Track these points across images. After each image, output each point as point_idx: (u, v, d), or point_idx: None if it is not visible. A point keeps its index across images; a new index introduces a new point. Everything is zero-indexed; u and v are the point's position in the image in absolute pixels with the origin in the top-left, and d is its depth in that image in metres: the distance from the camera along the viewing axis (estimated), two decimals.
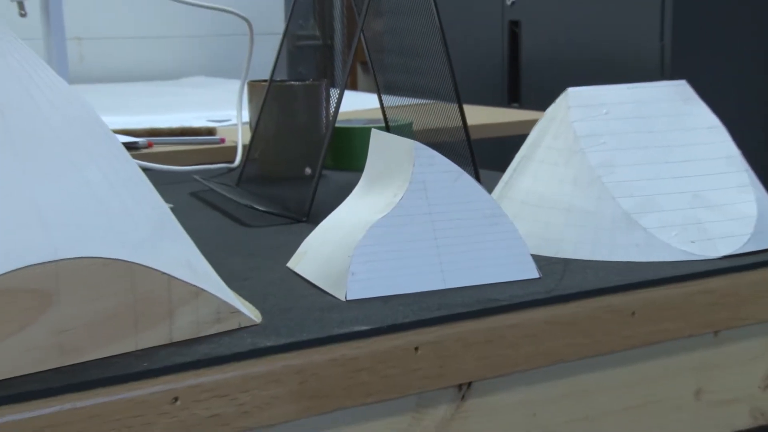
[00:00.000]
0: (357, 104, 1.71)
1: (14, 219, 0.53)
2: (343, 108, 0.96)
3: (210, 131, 1.41)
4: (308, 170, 1.07)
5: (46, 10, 1.37)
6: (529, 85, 2.17)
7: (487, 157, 1.13)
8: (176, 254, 0.59)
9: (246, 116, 1.21)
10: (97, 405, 0.53)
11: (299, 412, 0.58)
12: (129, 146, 1.29)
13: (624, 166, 0.79)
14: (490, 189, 0.76)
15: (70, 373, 0.54)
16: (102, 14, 2.46)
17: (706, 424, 0.76)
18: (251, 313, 0.63)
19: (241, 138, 1.24)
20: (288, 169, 1.10)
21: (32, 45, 0.66)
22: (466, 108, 1.00)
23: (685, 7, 1.86)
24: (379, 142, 0.75)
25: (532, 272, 0.72)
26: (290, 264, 0.77)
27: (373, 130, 0.77)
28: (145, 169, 1.11)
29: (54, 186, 0.55)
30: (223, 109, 1.72)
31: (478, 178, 0.88)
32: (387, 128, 1.16)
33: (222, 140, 1.38)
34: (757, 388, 0.78)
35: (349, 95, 1.89)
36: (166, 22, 2.52)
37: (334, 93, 1.03)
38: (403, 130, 1.16)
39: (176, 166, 1.19)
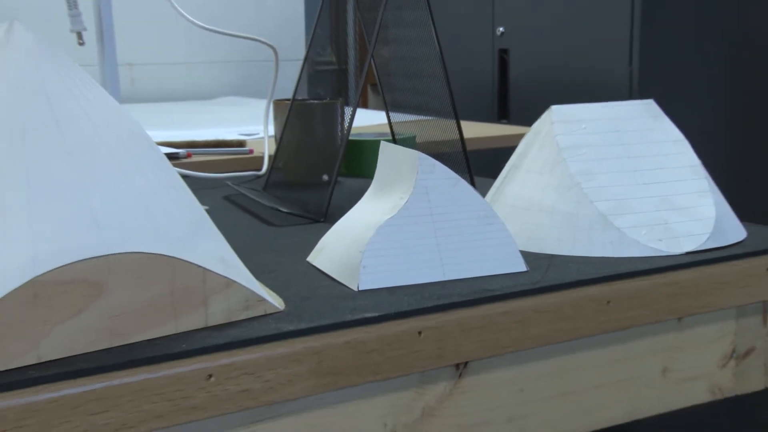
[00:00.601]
0: (368, 120, 1.71)
1: (71, 219, 0.53)
2: (355, 123, 0.96)
3: (240, 143, 1.41)
4: (325, 177, 1.07)
5: (101, 40, 1.37)
6: (517, 103, 2.17)
7: (480, 166, 1.14)
8: (211, 250, 0.59)
9: (272, 130, 1.21)
10: (143, 381, 0.52)
11: (317, 387, 0.58)
12: (171, 156, 1.29)
13: (600, 174, 0.79)
14: (483, 194, 0.76)
15: (119, 353, 0.54)
16: (150, 43, 2.46)
17: (671, 399, 0.76)
18: (276, 302, 0.62)
19: (267, 149, 1.24)
20: (308, 176, 1.10)
21: (89, 70, 0.66)
22: (462, 123, 1.00)
23: (650, 36, 1.86)
24: (387, 152, 0.75)
25: (521, 266, 0.72)
26: (310, 258, 0.76)
27: (381, 142, 0.77)
28: (184, 176, 1.11)
29: (105, 191, 0.55)
30: (252, 125, 1.72)
31: (473, 184, 0.88)
32: (394, 141, 1.15)
33: (251, 151, 1.38)
34: (716, 366, 0.78)
35: (360, 113, 1.89)
36: (204, 50, 2.52)
37: (347, 110, 1.03)
38: (408, 143, 1.16)
39: (211, 173, 1.19)
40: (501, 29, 2.19)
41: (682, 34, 1.89)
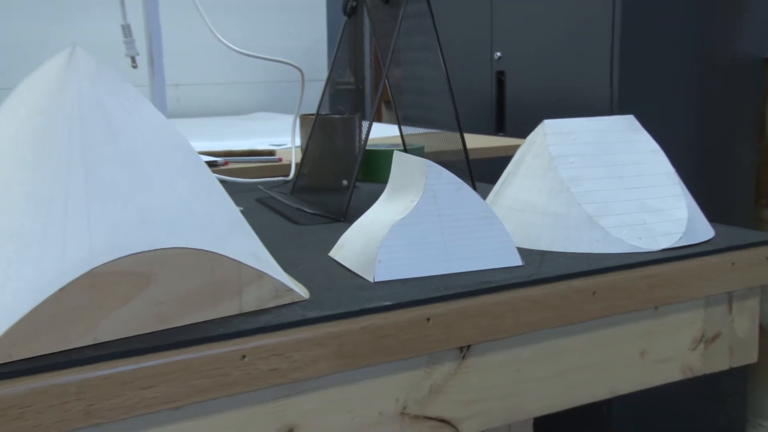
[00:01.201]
0: (382, 133, 1.71)
1: (123, 219, 0.53)
2: (371, 135, 0.95)
3: (271, 153, 1.41)
4: (345, 182, 1.06)
5: (151, 63, 1.37)
6: (512, 119, 2.17)
7: (481, 173, 1.13)
8: (245, 246, 0.59)
9: (298, 141, 1.20)
10: (185, 360, 0.52)
11: (338, 367, 0.58)
12: (210, 164, 1.29)
13: (587, 180, 0.78)
14: (484, 197, 0.75)
15: (165, 336, 0.54)
16: (193, 66, 2.47)
17: (648, 378, 0.75)
18: (301, 291, 0.62)
19: (294, 158, 1.24)
20: (330, 181, 1.09)
21: (141, 90, 0.66)
22: (465, 136, 0.99)
23: (627, 61, 1.86)
24: (400, 160, 0.74)
25: (517, 261, 0.71)
26: (331, 253, 0.76)
27: (395, 151, 0.76)
28: (222, 181, 1.11)
29: (153, 193, 0.55)
30: (281, 136, 1.71)
31: (475, 189, 0.87)
32: (405, 150, 1.15)
33: (280, 159, 1.37)
34: (687, 349, 0.77)
35: (375, 126, 1.89)
36: (240, 72, 2.53)
37: (364, 124, 1.03)
38: (418, 152, 1.15)
39: (245, 179, 1.18)
40: (498, 54, 2.19)
41: (654, 60, 1.90)
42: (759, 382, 2.22)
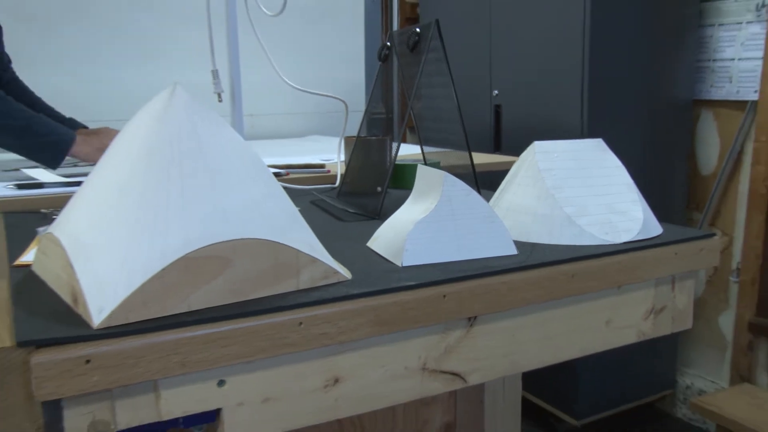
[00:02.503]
0: (407, 151, 1.68)
1: (210, 216, 0.52)
2: (399, 153, 0.93)
3: (322, 166, 1.39)
4: (379, 188, 1.04)
5: (233, 99, 1.37)
6: (507, 141, 2.15)
7: (484, 182, 1.11)
8: (302, 237, 0.57)
9: (343, 157, 1.19)
10: (254, 326, 0.51)
11: (374, 332, 0.56)
12: (276, 174, 1.28)
13: (567, 188, 0.76)
14: (487, 200, 0.73)
15: (239, 306, 0.52)
16: (265, 100, 2.47)
17: (611, 340, 0.73)
18: (345, 273, 0.61)
19: (339, 170, 1.22)
20: (367, 188, 1.08)
21: (224, 118, 0.65)
22: (472, 154, 0.97)
23: (594, 100, 1.85)
24: (422, 172, 0.73)
25: (513, 251, 0.69)
26: (369, 244, 0.74)
27: (418, 165, 0.74)
28: (284, 188, 1.09)
29: (233, 197, 0.54)
30: (330, 153, 1.70)
31: (480, 194, 0.85)
32: (425, 164, 1.13)
33: (328, 171, 1.36)
34: (641, 319, 0.75)
35: (402, 146, 1.87)
36: (299, 104, 2.53)
37: (394, 144, 1.01)
38: (435, 166, 1.13)
39: (302, 186, 1.17)
40: (496, 92, 2.18)
41: (613, 98, 1.89)
42: (686, 340, 2.23)
